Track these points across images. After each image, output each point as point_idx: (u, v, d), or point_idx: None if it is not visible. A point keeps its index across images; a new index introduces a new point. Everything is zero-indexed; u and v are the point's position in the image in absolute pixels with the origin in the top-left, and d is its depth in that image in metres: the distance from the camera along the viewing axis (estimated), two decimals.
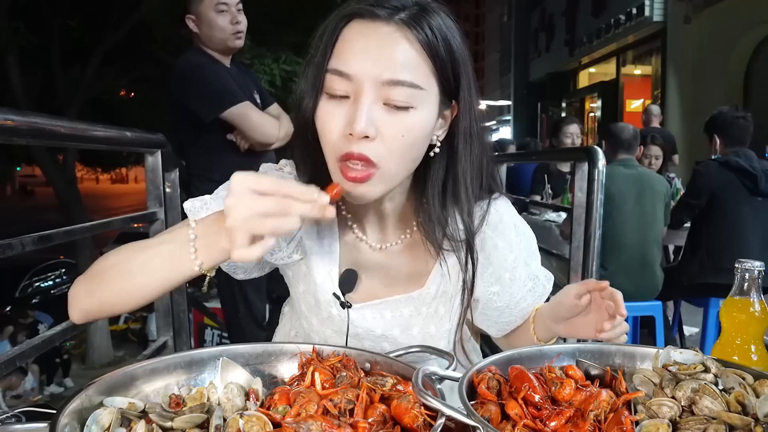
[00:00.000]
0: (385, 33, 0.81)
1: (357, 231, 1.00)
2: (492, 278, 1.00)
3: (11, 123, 1.13)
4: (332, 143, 0.83)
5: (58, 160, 7.90)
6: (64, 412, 0.63)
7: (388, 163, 0.83)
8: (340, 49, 0.83)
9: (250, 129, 2.28)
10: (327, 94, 0.84)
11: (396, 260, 1.00)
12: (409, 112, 0.82)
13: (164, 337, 2.08)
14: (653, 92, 12.17)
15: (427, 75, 0.83)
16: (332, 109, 0.83)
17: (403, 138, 0.82)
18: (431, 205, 0.92)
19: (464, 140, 0.90)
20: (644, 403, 0.70)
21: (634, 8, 11.56)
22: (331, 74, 0.82)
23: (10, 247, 1.22)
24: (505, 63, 27.45)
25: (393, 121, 0.81)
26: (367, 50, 0.81)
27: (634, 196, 3.11)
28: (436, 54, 0.83)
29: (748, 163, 3.05)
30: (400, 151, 0.83)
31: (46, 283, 10.00)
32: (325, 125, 0.84)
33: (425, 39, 0.82)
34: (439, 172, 0.91)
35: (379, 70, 0.80)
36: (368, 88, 0.80)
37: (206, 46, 2.36)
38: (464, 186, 0.91)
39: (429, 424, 0.64)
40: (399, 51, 0.81)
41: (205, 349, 0.81)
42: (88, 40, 6.97)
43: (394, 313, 0.99)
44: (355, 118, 0.79)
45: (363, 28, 0.82)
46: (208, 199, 0.97)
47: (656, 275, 3.21)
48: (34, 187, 33.64)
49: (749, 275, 0.88)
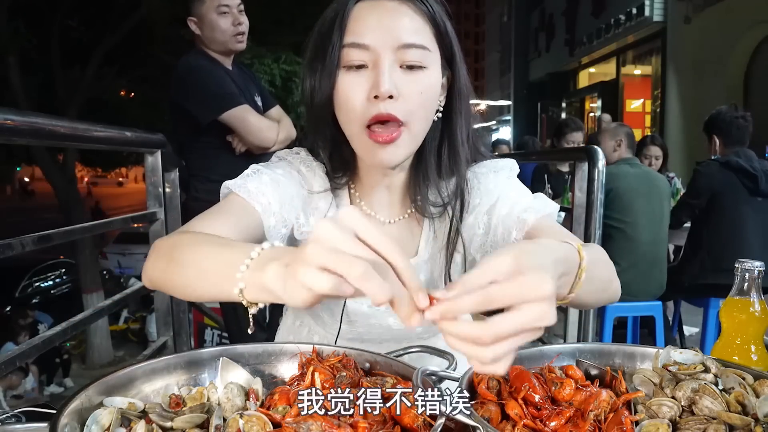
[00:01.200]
0: (391, 6, 0.90)
1: (366, 208, 1.05)
2: (475, 222, 1.03)
3: (11, 123, 1.13)
4: (358, 110, 0.90)
5: (58, 160, 7.91)
6: (64, 412, 0.63)
7: (413, 119, 0.91)
8: (353, 27, 0.90)
9: (247, 132, 2.28)
10: (345, 68, 0.91)
11: (405, 233, 1.06)
12: (422, 71, 0.91)
13: (164, 337, 2.08)
14: (653, 92, 12.17)
15: (431, 39, 0.92)
16: (352, 79, 0.90)
17: (421, 95, 0.91)
18: (428, 165, 1.00)
19: (458, 101, 0.99)
20: (644, 403, 0.70)
21: (634, 8, 11.56)
22: (349, 48, 0.90)
23: (10, 247, 1.22)
24: (505, 63, 27.46)
25: (410, 80, 0.90)
26: (379, 22, 0.89)
27: (643, 194, 3.12)
28: (436, 23, 0.92)
29: (749, 163, 3.05)
30: (420, 108, 0.91)
31: (46, 283, 10.00)
32: (348, 94, 0.90)
33: (426, 10, 0.91)
34: (435, 135, 0.99)
35: (392, 37, 0.89)
36: (385, 53, 0.88)
37: (208, 48, 2.36)
38: (460, 143, 0.99)
39: (429, 424, 0.64)
40: (407, 20, 0.90)
41: (205, 349, 0.81)
42: (88, 40, 6.97)
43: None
44: (379, 80, 0.87)
45: (370, 6, 0.91)
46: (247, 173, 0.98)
47: (663, 273, 3.21)
48: (34, 184, 33.65)
49: (749, 275, 0.88)
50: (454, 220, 1.02)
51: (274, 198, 0.95)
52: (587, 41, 14.32)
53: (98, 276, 8.47)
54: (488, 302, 0.50)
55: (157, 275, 0.80)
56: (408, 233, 1.06)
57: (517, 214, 0.94)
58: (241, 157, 2.35)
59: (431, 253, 1.05)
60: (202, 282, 0.72)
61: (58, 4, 6.45)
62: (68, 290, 9.92)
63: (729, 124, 3.21)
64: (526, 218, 0.93)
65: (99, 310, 1.77)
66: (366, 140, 0.91)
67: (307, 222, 1.02)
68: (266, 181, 0.96)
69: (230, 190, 0.95)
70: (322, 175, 1.03)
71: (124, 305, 7.31)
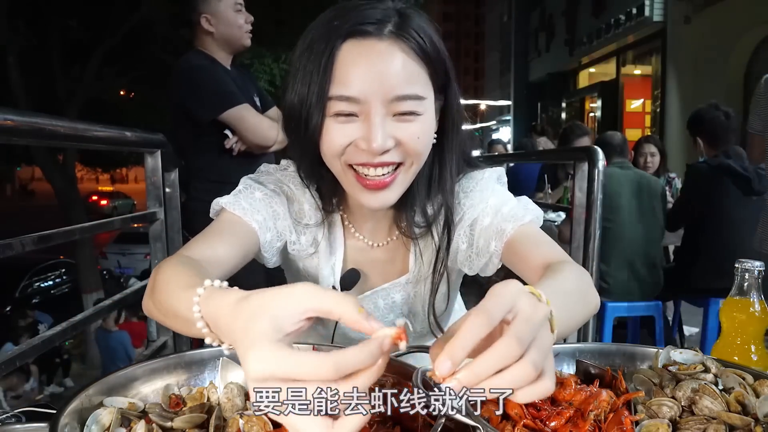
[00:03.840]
0: (381, 50, 0.83)
1: (356, 233, 1.05)
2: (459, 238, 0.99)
3: (11, 123, 1.13)
4: (344, 156, 0.86)
5: (58, 160, 7.91)
6: (64, 412, 0.63)
7: (409, 159, 0.87)
8: (340, 74, 0.82)
9: (247, 131, 2.28)
10: (333, 116, 0.84)
11: (394, 255, 1.06)
12: (416, 118, 0.85)
13: (164, 337, 2.07)
14: (653, 92, 12.17)
15: (425, 82, 0.86)
16: (340, 126, 0.84)
17: (419, 140, 0.86)
18: (416, 192, 0.96)
19: (451, 131, 0.95)
20: (644, 403, 0.70)
21: (634, 8, 11.57)
22: (337, 100, 0.83)
23: (10, 247, 1.22)
24: (505, 63, 27.46)
25: (405, 127, 0.85)
26: (369, 71, 0.82)
27: (630, 194, 3.11)
28: (428, 58, 0.86)
29: (739, 164, 3.02)
30: (418, 150, 0.87)
31: (46, 283, 9.99)
32: (334, 141, 0.85)
33: (417, 46, 0.84)
34: (427, 160, 0.94)
35: (385, 89, 0.82)
36: (377, 106, 0.82)
37: (214, 46, 2.37)
38: (449, 169, 0.96)
39: (429, 424, 0.64)
40: (398, 66, 0.83)
41: (205, 349, 0.81)
42: (88, 40, 6.97)
43: (386, 301, 1.06)
44: (371, 135, 0.82)
45: (358, 49, 0.83)
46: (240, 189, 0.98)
47: (659, 273, 3.21)
48: (34, 184, 33.67)
49: (749, 275, 0.88)
50: (442, 240, 0.99)
51: (268, 214, 0.96)
52: (587, 41, 14.33)
53: (98, 276, 8.47)
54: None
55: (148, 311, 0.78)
56: (395, 255, 1.05)
57: (498, 224, 0.92)
58: (241, 157, 2.35)
59: (419, 271, 1.04)
60: (175, 324, 0.69)
61: (58, 4, 6.45)
62: (68, 290, 9.92)
63: (711, 124, 3.19)
64: (504, 228, 0.91)
65: (99, 310, 1.77)
66: (352, 181, 0.88)
67: (298, 240, 1.01)
68: (259, 197, 0.96)
69: (223, 208, 0.94)
70: (314, 197, 1.00)
71: (124, 305, 7.31)
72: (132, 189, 29.90)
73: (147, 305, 0.78)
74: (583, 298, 0.75)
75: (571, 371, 0.81)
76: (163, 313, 0.72)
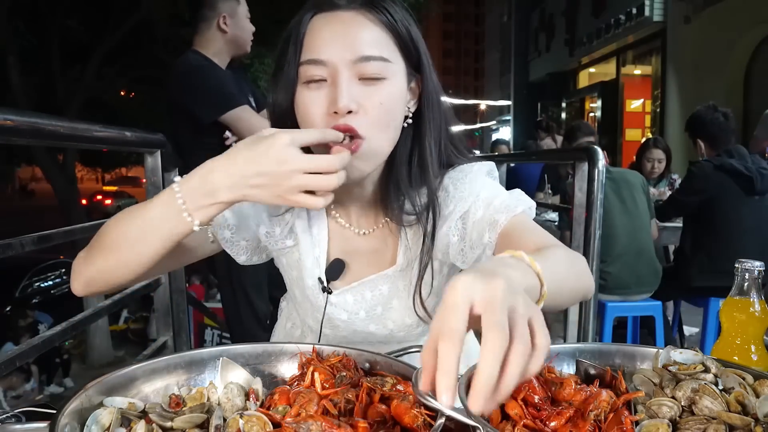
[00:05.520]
0: (347, 17, 0.88)
1: (341, 220, 1.05)
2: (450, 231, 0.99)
3: (11, 123, 1.13)
4: (317, 125, 0.88)
5: (58, 160, 7.90)
6: (64, 412, 0.63)
7: (373, 131, 0.88)
8: (309, 42, 0.89)
9: (248, 132, 2.28)
10: (304, 84, 0.89)
11: (380, 243, 1.05)
12: (382, 83, 0.88)
13: (164, 337, 2.08)
14: (653, 92, 12.17)
15: (392, 49, 0.90)
16: (311, 93, 0.89)
17: (381, 105, 0.88)
18: (398, 173, 0.97)
19: (427, 108, 0.96)
20: (644, 403, 0.70)
21: (634, 8, 11.56)
22: (306, 65, 0.88)
23: (10, 247, 1.22)
24: (505, 63, 27.45)
25: (370, 92, 0.88)
26: (334, 36, 0.88)
27: (610, 190, 3.09)
28: (396, 31, 0.90)
29: (742, 163, 3.02)
30: (381, 119, 0.89)
31: (46, 283, 9.98)
32: (308, 109, 0.89)
33: (385, 19, 0.89)
34: (407, 143, 0.97)
35: (349, 50, 0.87)
36: (342, 68, 0.87)
37: (215, 47, 2.40)
38: (429, 152, 0.97)
39: (429, 424, 0.64)
40: (364, 31, 0.88)
41: (205, 349, 0.81)
42: (88, 40, 6.97)
43: (373, 292, 1.05)
44: (337, 96, 0.86)
45: (326, 19, 0.89)
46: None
47: (654, 261, 3.19)
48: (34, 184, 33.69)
49: (749, 275, 0.88)
50: (428, 228, 0.99)
51: (230, 213, 0.99)
52: (587, 41, 14.33)
53: None
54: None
55: (94, 273, 0.87)
56: (383, 243, 1.05)
57: (490, 216, 0.92)
58: None
59: (408, 261, 1.03)
60: (149, 241, 0.82)
61: (58, 4, 6.45)
62: (68, 290, 9.87)
63: (710, 125, 3.19)
64: (498, 219, 0.91)
65: (99, 310, 1.78)
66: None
67: (273, 232, 1.03)
68: None
69: None
70: None
71: (124, 305, 7.31)
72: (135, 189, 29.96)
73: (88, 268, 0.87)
74: (573, 268, 0.78)
75: (571, 371, 0.81)
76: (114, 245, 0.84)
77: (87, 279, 0.88)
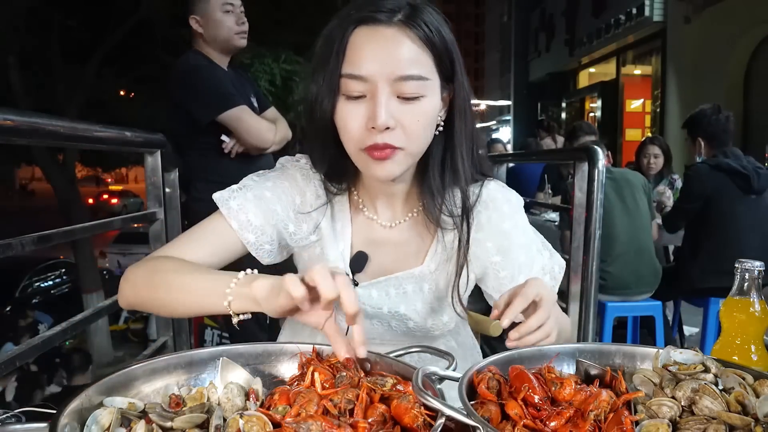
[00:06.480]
0: (389, 35, 0.91)
1: (368, 212, 1.08)
2: (492, 249, 1.07)
3: (11, 123, 1.13)
4: (356, 138, 0.93)
5: (58, 160, 7.90)
6: (64, 412, 0.63)
7: (410, 145, 0.94)
8: (351, 56, 0.91)
9: (245, 133, 2.28)
10: (344, 96, 0.93)
11: (405, 237, 1.08)
12: (420, 100, 0.92)
13: (164, 337, 2.08)
14: (653, 92, 12.17)
15: (429, 66, 0.93)
16: (351, 108, 0.92)
17: (418, 122, 0.93)
18: (432, 178, 1.02)
19: (459, 116, 1.00)
20: (644, 403, 0.70)
21: (634, 8, 11.55)
22: (347, 78, 0.91)
23: (10, 247, 1.22)
24: (505, 63, 27.43)
25: (408, 110, 0.92)
26: (376, 53, 0.90)
27: (611, 190, 3.10)
28: (434, 46, 0.92)
29: (738, 162, 3.03)
30: (418, 134, 0.94)
31: (46, 283, 9.99)
32: (347, 123, 0.93)
33: (424, 35, 0.91)
34: (438, 148, 1.01)
35: (389, 69, 0.90)
36: (382, 85, 0.90)
37: (209, 47, 2.36)
38: (460, 157, 1.01)
39: (429, 424, 0.64)
40: (404, 49, 0.91)
41: (205, 349, 0.81)
42: (88, 40, 6.97)
43: (397, 290, 1.07)
44: (376, 113, 0.89)
45: (369, 34, 0.91)
46: (235, 188, 1.06)
47: (654, 261, 3.20)
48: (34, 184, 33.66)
49: (749, 275, 0.88)
50: (463, 231, 1.04)
51: (255, 214, 1.02)
52: (587, 41, 14.31)
53: (98, 276, 8.46)
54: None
55: (138, 301, 0.97)
56: (410, 240, 1.08)
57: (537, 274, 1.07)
58: (240, 158, 2.35)
59: (437, 263, 1.07)
60: (189, 300, 0.90)
61: (58, 4, 6.45)
62: (68, 290, 9.91)
63: (713, 126, 3.20)
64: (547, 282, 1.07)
65: (99, 310, 1.77)
66: (364, 157, 0.95)
67: (299, 229, 1.07)
68: (250, 198, 1.03)
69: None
70: (318, 186, 1.06)
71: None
72: (140, 188, 29.99)
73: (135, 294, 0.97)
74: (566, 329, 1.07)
75: (571, 371, 0.81)
76: (161, 289, 0.92)
77: (130, 303, 0.99)
